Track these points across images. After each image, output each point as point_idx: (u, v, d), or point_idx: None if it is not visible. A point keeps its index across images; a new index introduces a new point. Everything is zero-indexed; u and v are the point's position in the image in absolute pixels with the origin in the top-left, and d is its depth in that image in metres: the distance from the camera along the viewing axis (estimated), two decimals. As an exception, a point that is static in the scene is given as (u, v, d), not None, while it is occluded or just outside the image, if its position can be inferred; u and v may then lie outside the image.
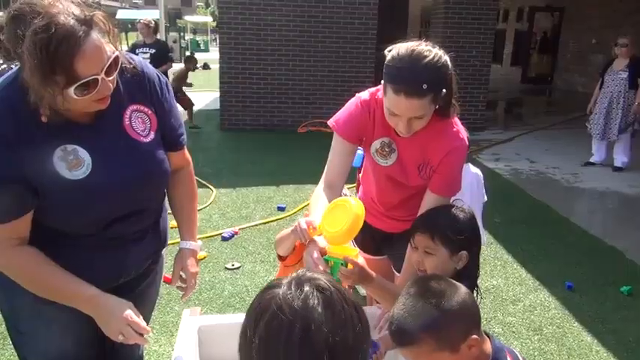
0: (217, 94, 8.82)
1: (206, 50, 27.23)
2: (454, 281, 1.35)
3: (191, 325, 1.75)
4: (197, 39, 28.47)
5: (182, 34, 25.31)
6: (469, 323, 1.28)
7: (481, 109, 9.00)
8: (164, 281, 1.94)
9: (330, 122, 1.85)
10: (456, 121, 1.80)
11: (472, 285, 1.62)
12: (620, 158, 6.65)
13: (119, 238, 1.47)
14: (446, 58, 1.61)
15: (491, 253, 4.15)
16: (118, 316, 1.37)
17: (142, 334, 1.39)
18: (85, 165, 1.32)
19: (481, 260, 1.72)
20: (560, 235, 4.62)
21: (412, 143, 1.78)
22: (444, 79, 1.60)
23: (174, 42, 22.35)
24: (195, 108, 8.78)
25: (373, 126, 1.81)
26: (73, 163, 1.31)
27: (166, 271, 1.91)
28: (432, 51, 1.57)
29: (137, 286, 1.68)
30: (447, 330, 1.23)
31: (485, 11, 8.53)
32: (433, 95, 1.57)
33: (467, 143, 1.79)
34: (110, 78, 1.26)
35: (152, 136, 1.47)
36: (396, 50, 1.60)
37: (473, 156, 7.34)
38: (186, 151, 1.68)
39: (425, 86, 1.53)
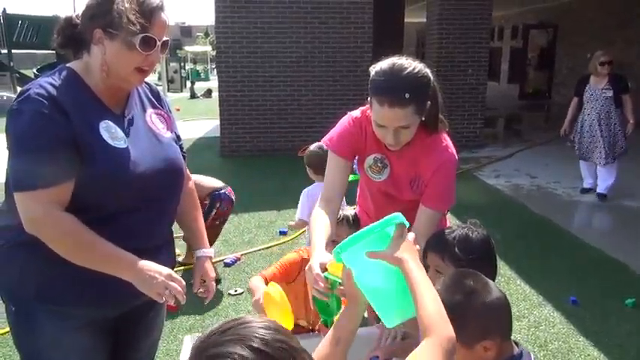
0: (218, 122, 8.89)
1: (206, 79, 27.57)
2: (491, 283, 1.33)
3: (193, 352, 1.76)
4: (197, 68, 28.83)
5: (182, 64, 25.59)
6: (490, 326, 1.26)
7: (479, 126, 9.06)
8: (168, 309, 1.97)
9: (324, 140, 1.92)
10: (445, 136, 1.86)
11: None
12: (604, 184, 5.98)
13: (139, 250, 1.52)
14: (427, 70, 1.69)
15: (494, 269, 4.15)
16: (165, 274, 1.48)
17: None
18: (123, 140, 1.52)
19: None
20: (563, 249, 4.62)
21: (403, 158, 1.84)
22: (425, 90, 1.68)
23: (175, 72, 22.56)
24: (195, 136, 8.84)
25: (365, 141, 1.88)
26: (114, 135, 1.51)
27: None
28: (412, 64, 1.67)
29: (147, 314, 1.73)
30: (463, 322, 1.18)
31: (478, 30, 8.66)
32: (416, 104, 1.64)
33: (456, 157, 1.85)
34: (161, 54, 1.53)
35: (170, 134, 1.70)
36: (378, 66, 1.70)
37: (473, 173, 7.37)
38: (186, 166, 1.81)
39: (407, 95, 1.61)
